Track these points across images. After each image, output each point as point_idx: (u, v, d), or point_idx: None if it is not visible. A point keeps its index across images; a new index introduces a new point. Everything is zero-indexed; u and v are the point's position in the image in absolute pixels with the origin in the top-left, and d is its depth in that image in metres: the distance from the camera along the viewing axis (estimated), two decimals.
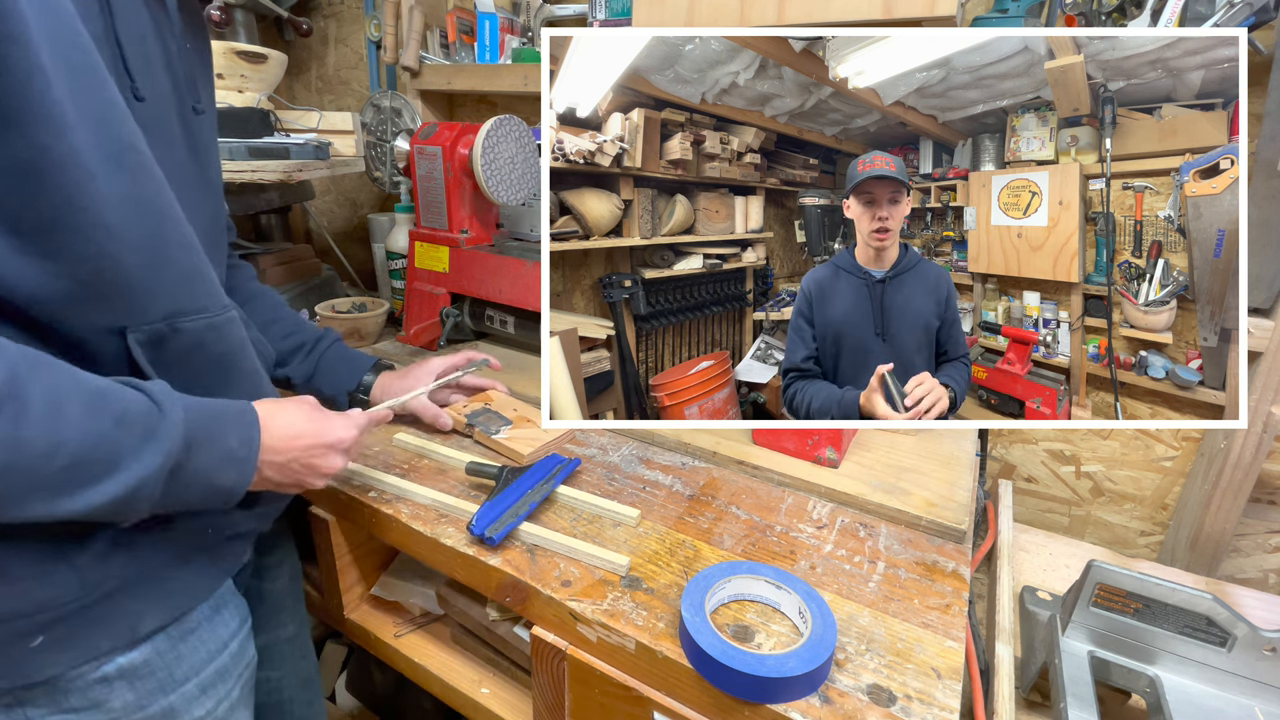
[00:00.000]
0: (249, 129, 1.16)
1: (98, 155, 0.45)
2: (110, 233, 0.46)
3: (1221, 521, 0.88)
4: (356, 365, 0.83)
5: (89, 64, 0.44)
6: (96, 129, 0.45)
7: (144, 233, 0.48)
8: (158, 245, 0.50)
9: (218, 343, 0.56)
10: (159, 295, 0.51)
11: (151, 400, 0.47)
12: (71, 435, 0.41)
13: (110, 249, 0.47)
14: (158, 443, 0.45)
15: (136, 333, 0.50)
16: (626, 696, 0.56)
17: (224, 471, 0.51)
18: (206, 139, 0.61)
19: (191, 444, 0.48)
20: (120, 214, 0.47)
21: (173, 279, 0.52)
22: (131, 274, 0.48)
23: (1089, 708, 0.53)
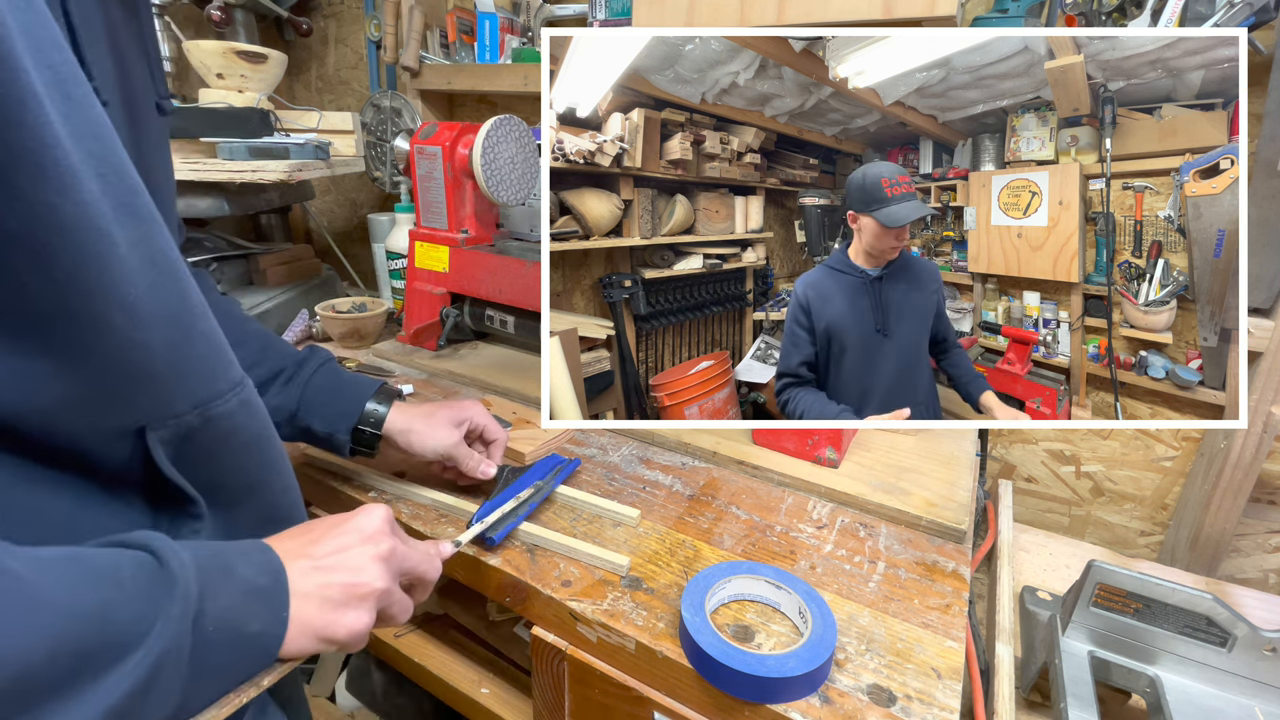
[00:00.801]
0: (249, 129, 1.16)
1: (109, 207, 0.33)
2: (132, 312, 0.35)
3: (1221, 521, 0.88)
4: (355, 391, 0.66)
5: (72, 70, 0.32)
6: (99, 168, 0.33)
7: (164, 305, 0.37)
8: (182, 314, 0.39)
9: (251, 419, 0.45)
10: (187, 381, 0.40)
11: (144, 550, 0.36)
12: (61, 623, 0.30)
13: (133, 334, 0.36)
14: (172, 591, 0.34)
15: (160, 430, 0.40)
16: (626, 696, 0.56)
17: (250, 613, 0.38)
18: (161, 144, 0.50)
19: (204, 583, 0.36)
20: (141, 285, 0.36)
21: (200, 354, 0.41)
22: (157, 361, 0.38)
23: (1089, 708, 0.53)
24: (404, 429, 0.66)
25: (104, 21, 0.41)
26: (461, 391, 1.00)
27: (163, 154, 0.51)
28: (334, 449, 0.66)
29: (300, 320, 1.19)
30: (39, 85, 0.30)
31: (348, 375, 0.68)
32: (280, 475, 0.48)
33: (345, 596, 0.42)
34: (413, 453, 0.67)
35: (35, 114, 0.30)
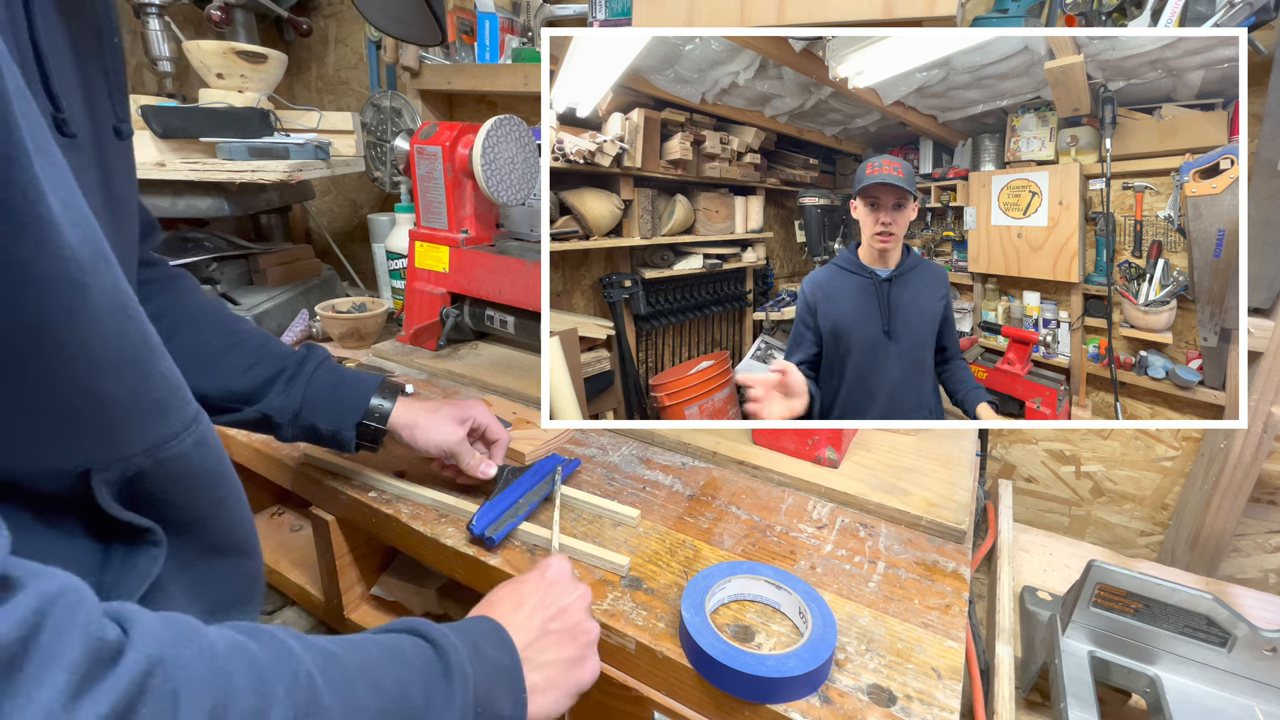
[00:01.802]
0: (249, 129, 1.16)
1: (87, 255, 0.32)
2: (96, 364, 0.34)
3: (1221, 521, 0.88)
4: (357, 387, 0.66)
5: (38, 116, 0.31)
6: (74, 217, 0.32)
7: (130, 349, 0.36)
8: (144, 359, 0.38)
9: (206, 458, 0.43)
10: (142, 423, 0.39)
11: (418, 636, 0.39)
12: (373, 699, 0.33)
13: (91, 383, 0.34)
14: (456, 677, 0.37)
15: (105, 473, 0.38)
16: (626, 696, 0.56)
17: (500, 695, 0.41)
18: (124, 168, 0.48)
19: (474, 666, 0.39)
20: (108, 334, 0.34)
21: (158, 398, 0.39)
22: (112, 407, 0.36)
23: (1089, 708, 0.53)
24: (408, 423, 0.66)
25: (70, 47, 0.40)
26: (462, 392, 1.00)
27: (126, 175, 0.49)
28: (339, 446, 0.66)
29: (300, 320, 1.19)
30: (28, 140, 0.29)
31: (348, 372, 0.68)
32: (232, 509, 0.47)
33: (580, 653, 0.48)
34: (416, 448, 0.67)
35: (25, 170, 0.29)
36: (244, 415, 0.63)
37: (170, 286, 0.62)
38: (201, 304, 0.64)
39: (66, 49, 0.39)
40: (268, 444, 0.83)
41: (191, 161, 1.10)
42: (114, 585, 0.40)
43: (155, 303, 0.59)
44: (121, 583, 0.40)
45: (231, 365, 0.62)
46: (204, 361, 0.60)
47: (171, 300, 0.61)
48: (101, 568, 0.41)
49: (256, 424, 0.64)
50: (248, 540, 0.49)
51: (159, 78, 1.39)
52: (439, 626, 0.40)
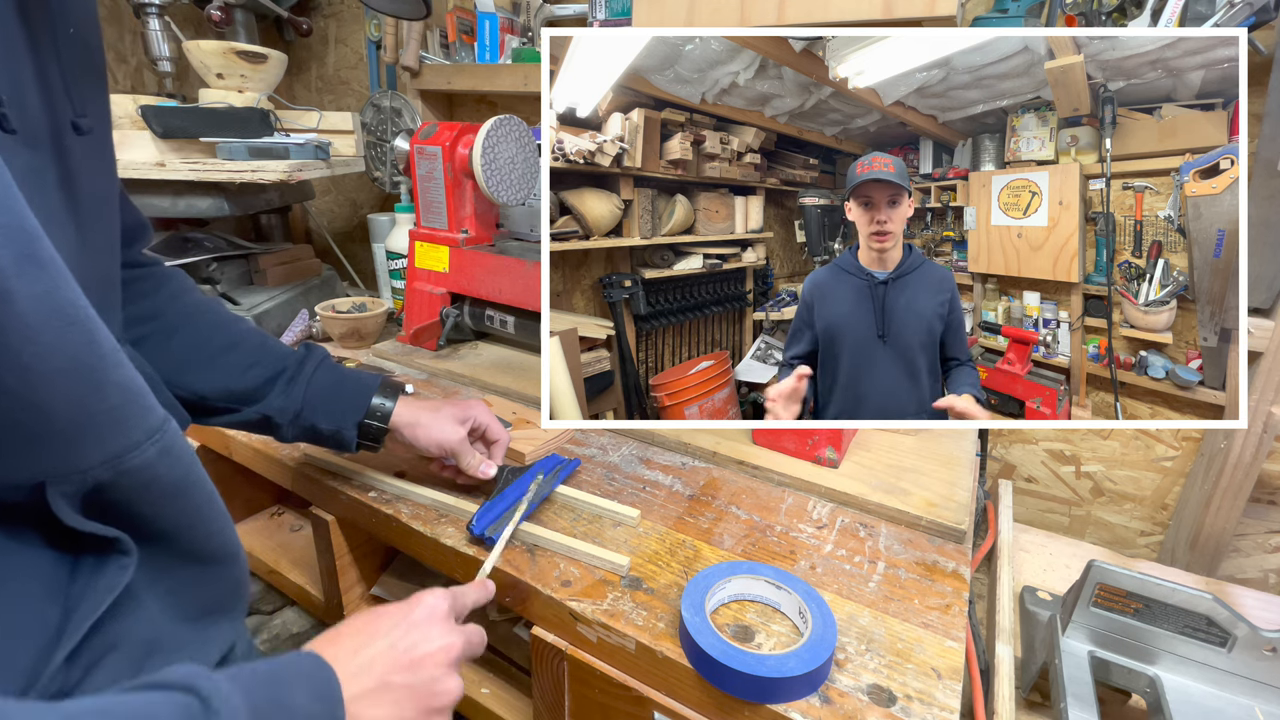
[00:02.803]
0: (249, 129, 1.16)
1: (9, 259, 0.30)
2: (27, 374, 0.32)
3: (1221, 521, 0.88)
4: (358, 387, 0.66)
5: None
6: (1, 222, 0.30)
7: (71, 359, 0.34)
8: (92, 369, 0.35)
9: (173, 467, 0.41)
10: (96, 435, 0.37)
11: (189, 692, 0.32)
12: None
13: (28, 395, 0.33)
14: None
15: (62, 485, 0.36)
16: (626, 696, 0.56)
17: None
18: (92, 166, 0.45)
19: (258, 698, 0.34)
20: (43, 341, 0.33)
21: (111, 408, 0.37)
22: (58, 419, 0.35)
23: (1089, 708, 0.53)
24: (410, 422, 0.66)
25: (26, 36, 0.38)
26: (462, 392, 1.00)
27: (98, 173, 0.46)
28: (340, 446, 0.66)
29: (300, 320, 1.19)
30: None
31: (349, 371, 0.67)
32: (207, 520, 0.45)
33: (421, 712, 0.41)
34: (417, 447, 0.67)
35: None
36: (244, 416, 0.62)
37: (164, 286, 0.61)
38: (198, 303, 0.63)
39: (19, 41, 0.37)
40: (267, 444, 0.83)
41: (191, 161, 1.10)
42: (80, 596, 0.39)
43: (149, 302, 0.58)
44: (88, 594, 0.39)
45: (230, 365, 0.61)
46: (202, 362, 0.60)
47: (167, 300, 0.60)
48: (69, 578, 0.40)
49: (256, 425, 0.63)
50: (226, 547, 0.47)
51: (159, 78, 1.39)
52: (223, 680, 0.33)
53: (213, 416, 0.62)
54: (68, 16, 0.42)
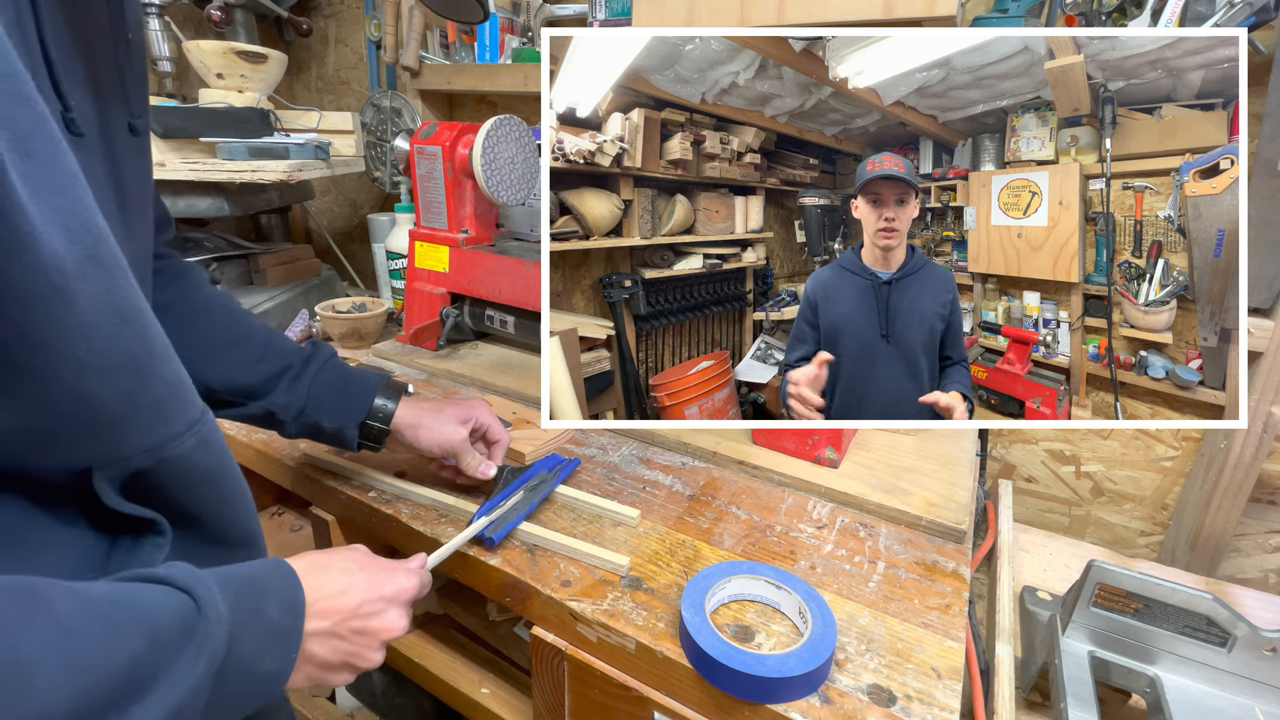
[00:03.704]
0: (249, 129, 1.16)
1: (73, 261, 0.33)
2: (81, 368, 0.35)
3: (1221, 521, 0.88)
4: (361, 387, 0.66)
5: (37, 121, 0.31)
6: (66, 222, 0.32)
7: (124, 354, 0.37)
8: (141, 364, 0.38)
9: (208, 457, 0.44)
10: (141, 425, 0.40)
11: (186, 594, 0.36)
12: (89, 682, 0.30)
13: (79, 386, 0.35)
14: (199, 648, 0.35)
15: (107, 470, 0.39)
16: (626, 696, 0.56)
17: (266, 653, 0.39)
18: (138, 165, 0.47)
19: (235, 632, 0.37)
20: (99, 337, 0.35)
21: (156, 400, 0.40)
22: (107, 410, 0.37)
23: (1089, 708, 0.53)
24: (412, 424, 0.67)
25: (83, 41, 0.40)
26: (462, 392, 1.00)
27: (141, 172, 0.49)
28: (342, 444, 0.66)
29: (300, 320, 1.19)
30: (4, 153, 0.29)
31: (353, 371, 0.68)
32: (234, 507, 0.48)
33: (351, 665, 0.46)
34: (419, 448, 0.68)
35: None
36: (248, 410, 0.63)
37: (179, 279, 0.62)
38: (210, 297, 0.64)
39: (76, 46, 0.39)
40: (268, 444, 0.83)
41: (191, 161, 1.10)
42: (117, 570, 0.41)
43: (164, 294, 0.59)
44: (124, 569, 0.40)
45: (238, 360, 0.62)
46: (210, 355, 0.60)
47: (180, 293, 0.61)
48: (107, 555, 0.42)
49: (260, 419, 0.64)
50: (250, 534, 0.50)
51: (159, 78, 1.39)
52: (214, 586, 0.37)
53: (218, 409, 0.62)
54: (127, 23, 0.45)
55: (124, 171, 0.45)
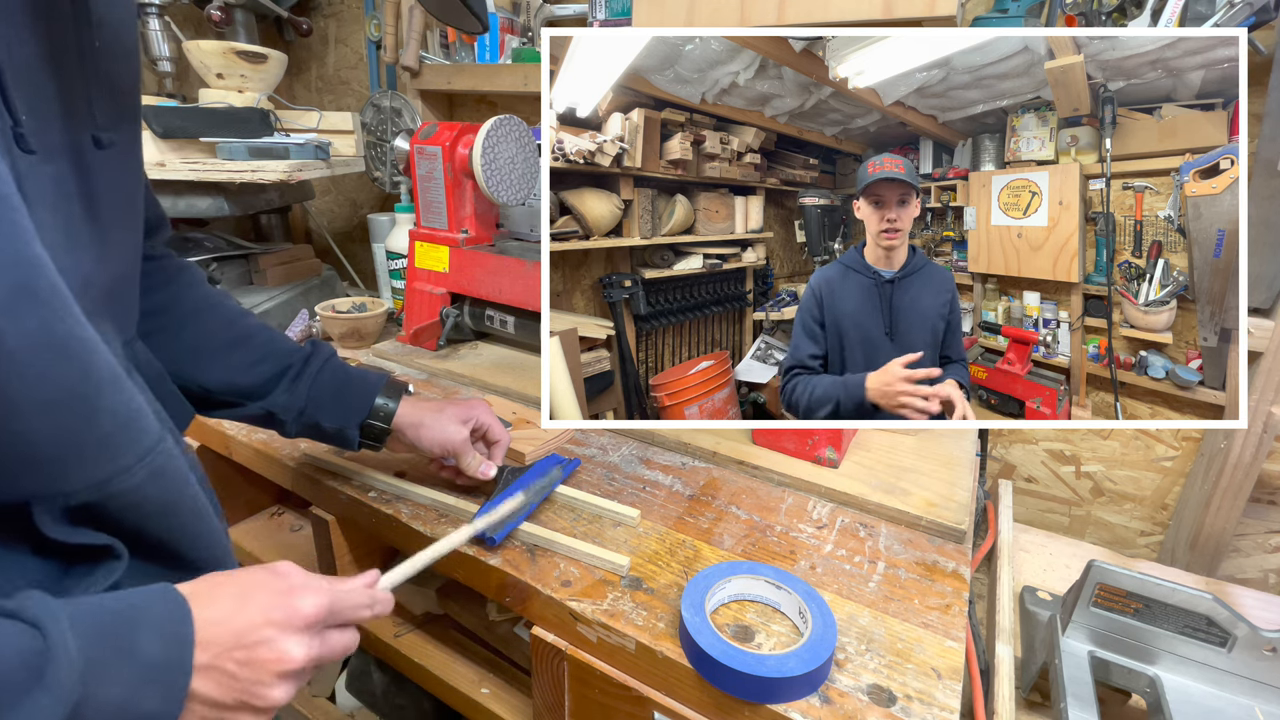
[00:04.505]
0: (249, 129, 1.16)
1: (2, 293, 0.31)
2: (12, 407, 0.33)
3: (1221, 521, 0.88)
4: (362, 386, 0.66)
5: None
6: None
7: (63, 391, 0.35)
8: (84, 399, 0.36)
9: (162, 489, 0.42)
10: (83, 461, 0.37)
11: (31, 627, 0.32)
12: None
13: (14, 425, 0.34)
14: (47, 690, 0.31)
15: (46, 504, 0.37)
16: (626, 696, 0.56)
17: (142, 693, 0.35)
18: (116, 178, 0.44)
19: (92, 674, 0.33)
20: (29, 374, 0.33)
21: (102, 435, 0.38)
22: (42, 450, 0.36)
23: (1089, 708, 0.53)
24: (413, 423, 0.66)
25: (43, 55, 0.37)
26: (462, 392, 1.00)
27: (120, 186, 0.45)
28: (343, 444, 0.66)
29: (300, 320, 1.19)
30: None
31: (354, 370, 0.67)
32: (196, 536, 0.45)
33: (248, 704, 0.40)
34: (420, 447, 0.67)
35: None
36: (248, 411, 0.62)
37: (176, 279, 0.61)
38: (208, 296, 0.63)
39: (36, 60, 0.36)
40: (268, 444, 0.83)
41: (191, 161, 1.10)
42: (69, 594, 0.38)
43: (160, 295, 0.58)
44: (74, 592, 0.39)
45: (237, 360, 0.61)
46: (209, 356, 0.60)
47: (177, 293, 0.60)
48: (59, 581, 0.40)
49: (260, 420, 0.63)
50: (216, 558, 0.47)
51: (159, 78, 1.39)
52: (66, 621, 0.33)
53: (217, 410, 0.62)
54: (94, 30, 0.42)
55: (96, 186, 0.42)
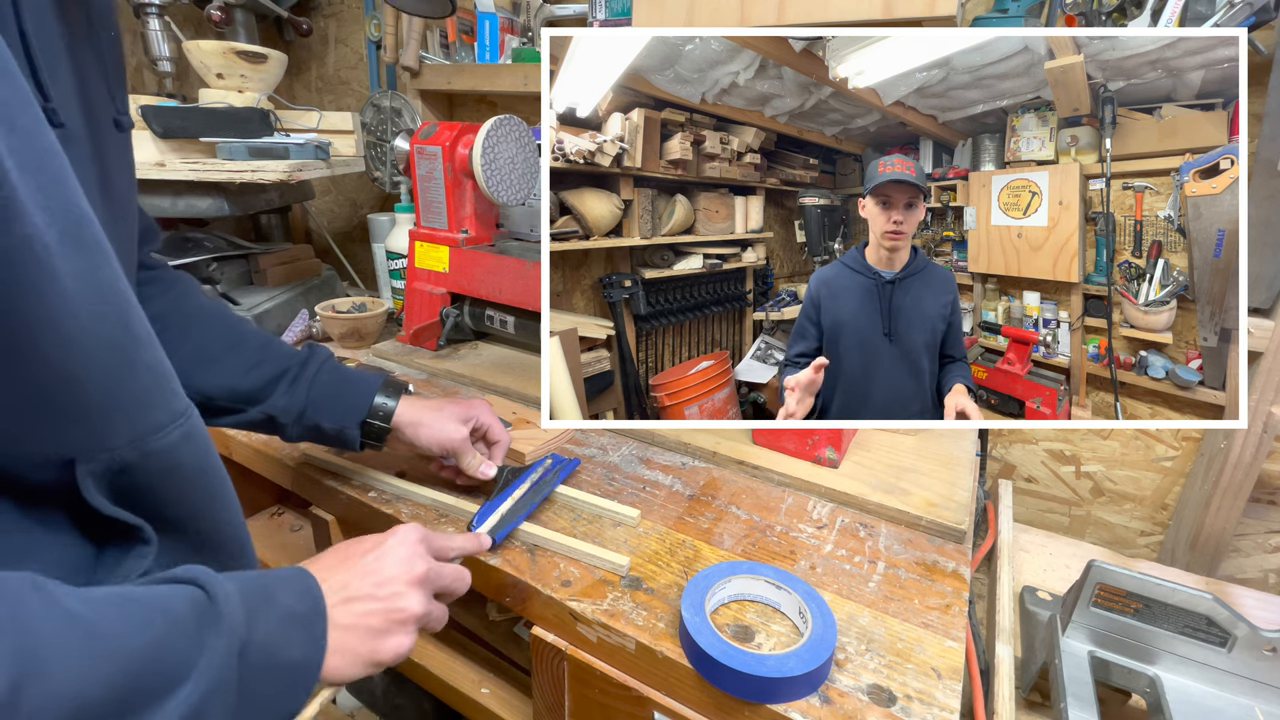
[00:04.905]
0: (249, 129, 1.16)
1: (54, 239, 0.32)
2: (69, 347, 0.34)
3: (1221, 521, 0.88)
4: (360, 386, 0.66)
5: (20, 98, 0.32)
6: (46, 200, 0.32)
7: (107, 337, 0.36)
8: (124, 348, 0.38)
9: (194, 453, 0.44)
10: (124, 413, 0.39)
11: (193, 584, 0.36)
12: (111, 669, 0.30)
13: (67, 368, 0.35)
14: (218, 631, 0.35)
15: (91, 464, 0.38)
16: (626, 696, 0.56)
17: (289, 640, 0.39)
18: (122, 162, 0.47)
19: (250, 617, 0.37)
20: (83, 317, 0.35)
21: (140, 388, 0.39)
22: (92, 394, 0.36)
23: (1089, 708, 0.53)
24: (413, 421, 0.66)
25: (65, 37, 0.40)
26: (462, 391, 1.00)
27: (125, 169, 0.49)
28: (344, 444, 0.66)
29: (300, 320, 1.19)
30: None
31: (351, 371, 0.68)
32: (222, 508, 0.47)
33: (386, 624, 0.45)
34: (419, 446, 0.67)
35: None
36: (248, 416, 0.63)
37: (172, 288, 0.62)
38: (204, 306, 0.64)
39: (60, 42, 0.39)
40: (268, 444, 0.83)
41: (191, 161, 1.10)
42: (102, 581, 0.40)
43: (157, 304, 0.59)
44: (109, 580, 0.41)
45: (235, 366, 0.62)
46: (207, 362, 0.61)
47: (173, 302, 0.61)
48: (93, 565, 0.42)
49: (261, 424, 0.64)
50: (238, 540, 0.49)
51: (159, 78, 1.39)
52: (222, 577, 0.37)
53: (218, 416, 0.62)
54: (106, 22, 0.45)
55: (109, 167, 0.44)
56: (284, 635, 0.39)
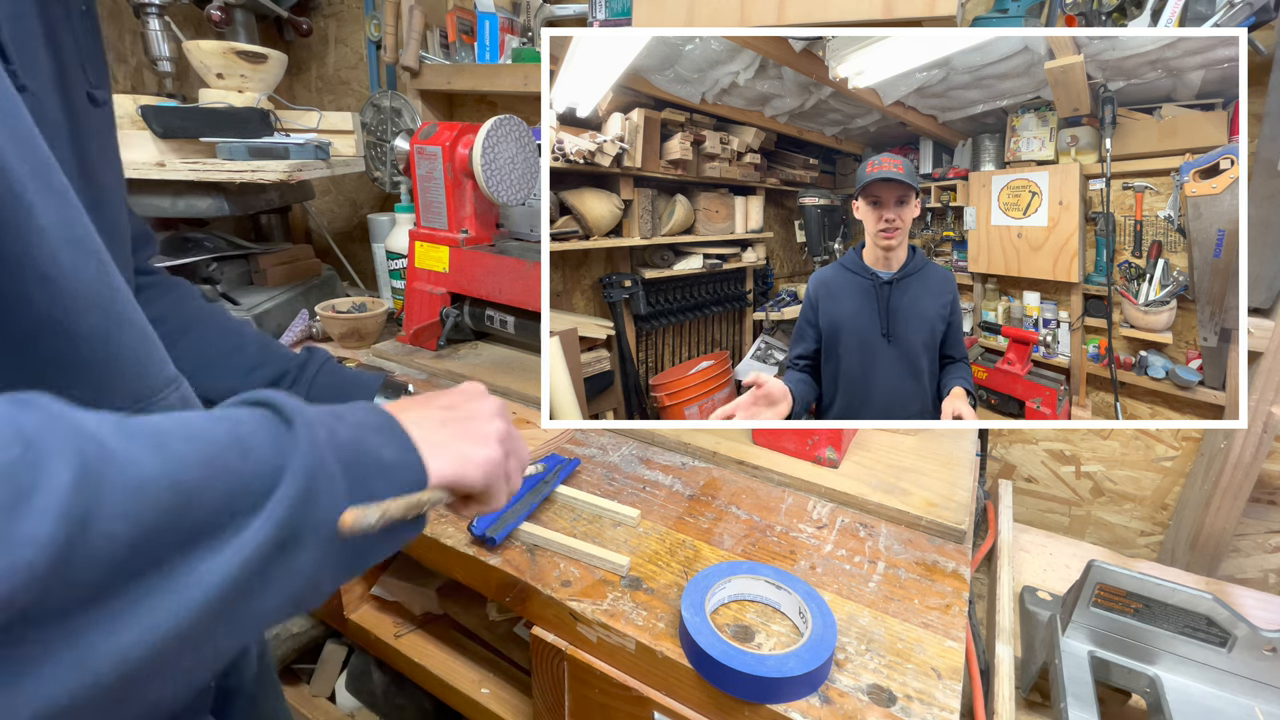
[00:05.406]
0: (249, 129, 1.16)
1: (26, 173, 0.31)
2: (52, 289, 0.32)
3: (1221, 521, 0.88)
4: (360, 388, 0.67)
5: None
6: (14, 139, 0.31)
7: (90, 286, 0.35)
8: (111, 300, 0.36)
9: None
10: (120, 372, 0.37)
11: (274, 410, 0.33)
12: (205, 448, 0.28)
13: (53, 313, 0.33)
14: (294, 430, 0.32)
15: None
16: (626, 696, 0.56)
17: (376, 444, 0.36)
18: (102, 140, 0.46)
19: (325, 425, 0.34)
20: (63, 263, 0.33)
21: (132, 346, 0.38)
22: (84, 347, 0.35)
23: (1089, 708, 0.53)
24: None
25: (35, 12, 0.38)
26: None
27: (105, 148, 0.47)
28: None
29: (300, 320, 1.19)
30: None
31: (351, 372, 0.68)
32: None
33: (471, 434, 0.42)
34: None
35: None
36: None
37: (170, 293, 0.62)
38: (202, 309, 0.64)
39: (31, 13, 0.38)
40: None
41: (191, 161, 1.10)
42: None
43: (155, 309, 0.58)
44: None
45: (234, 369, 0.62)
46: (207, 365, 0.60)
47: (172, 306, 0.61)
48: None
49: None
50: None
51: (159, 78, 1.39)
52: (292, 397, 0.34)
53: None
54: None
55: (87, 142, 0.43)
56: (367, 438, 0.36)
